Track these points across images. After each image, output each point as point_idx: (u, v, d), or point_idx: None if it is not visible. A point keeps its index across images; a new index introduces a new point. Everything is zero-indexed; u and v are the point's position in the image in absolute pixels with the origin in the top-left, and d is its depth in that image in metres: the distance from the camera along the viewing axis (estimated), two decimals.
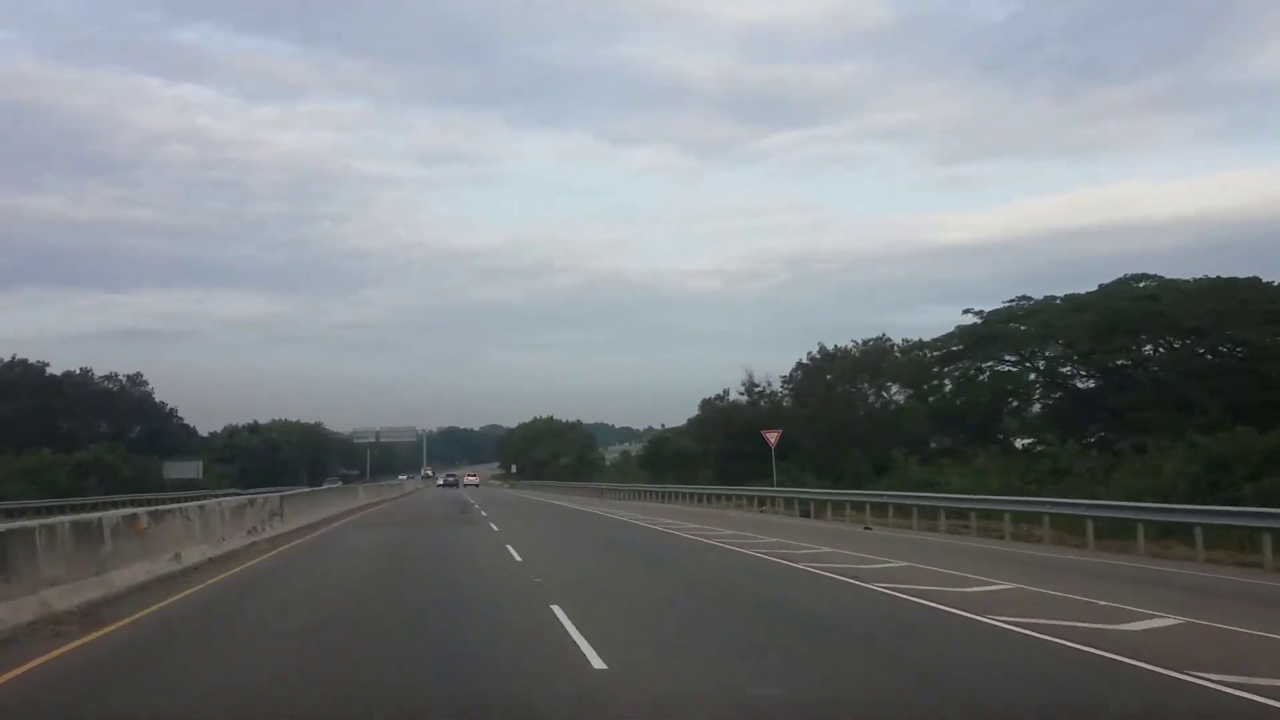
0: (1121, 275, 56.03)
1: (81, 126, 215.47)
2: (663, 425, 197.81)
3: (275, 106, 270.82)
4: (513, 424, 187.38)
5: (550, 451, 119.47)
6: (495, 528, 26.60)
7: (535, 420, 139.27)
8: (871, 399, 64.83)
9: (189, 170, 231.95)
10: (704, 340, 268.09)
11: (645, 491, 60.92)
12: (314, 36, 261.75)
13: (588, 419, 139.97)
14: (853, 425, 59.82)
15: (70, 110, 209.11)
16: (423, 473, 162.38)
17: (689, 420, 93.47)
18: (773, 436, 39.47)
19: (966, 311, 59.75)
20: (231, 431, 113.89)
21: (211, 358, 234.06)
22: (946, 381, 60.79)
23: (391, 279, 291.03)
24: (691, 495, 51.52)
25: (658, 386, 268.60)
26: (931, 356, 61.69)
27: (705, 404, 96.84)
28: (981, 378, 57.64)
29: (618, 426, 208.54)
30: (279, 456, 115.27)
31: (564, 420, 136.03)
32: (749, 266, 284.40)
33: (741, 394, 64.14)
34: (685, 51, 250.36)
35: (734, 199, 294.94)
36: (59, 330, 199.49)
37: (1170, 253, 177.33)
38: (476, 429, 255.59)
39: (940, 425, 59.25)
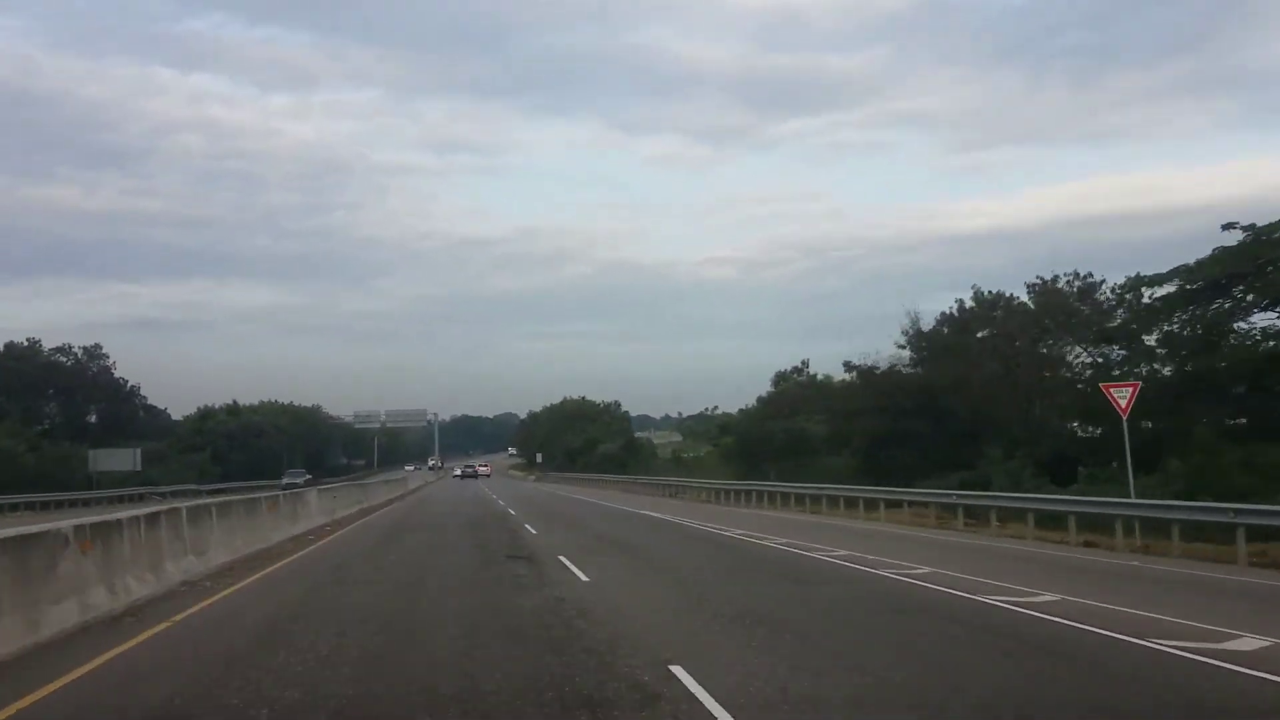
0: None
1: (94, 117, 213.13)
2: (680, 414, 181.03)
3: (288, 96, 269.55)
4: (526, 412, 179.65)
5: (586, 437, 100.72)
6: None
7: (565, 401, 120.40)
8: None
9: (202, 160, 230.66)
10: (720, 329, 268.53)
11: (751, 491, 42.03)
12: (326, 25, 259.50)
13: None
14: (1055, 396, 40.89)
15: (82, 100, 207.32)
16: (429, 463, 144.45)
17: (760, 399, 75.36)
18: (1125, 394, 20.30)
19: (1229, 227, 40.58)
20: (205, 413, 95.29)
21: (222, 348, 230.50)
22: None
23: (404, 269, 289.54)
24: (843, 499, 32.70)
25: (674, 375, 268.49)
26: (1153, 301, 42.68)
27: (781, 378, 78.76)
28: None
29: (634, 415, 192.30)
30: (263, 444, 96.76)
31: (598, 402, 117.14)
32: (764, 255, 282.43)
33: (902, 347, 44.78)
34: (699, 39, 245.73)
35: (749, 187, 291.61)
36: (71, 320, 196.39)
37: (1190, 240, 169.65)
38: (490, 417, 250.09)
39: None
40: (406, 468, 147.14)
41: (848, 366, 48.05)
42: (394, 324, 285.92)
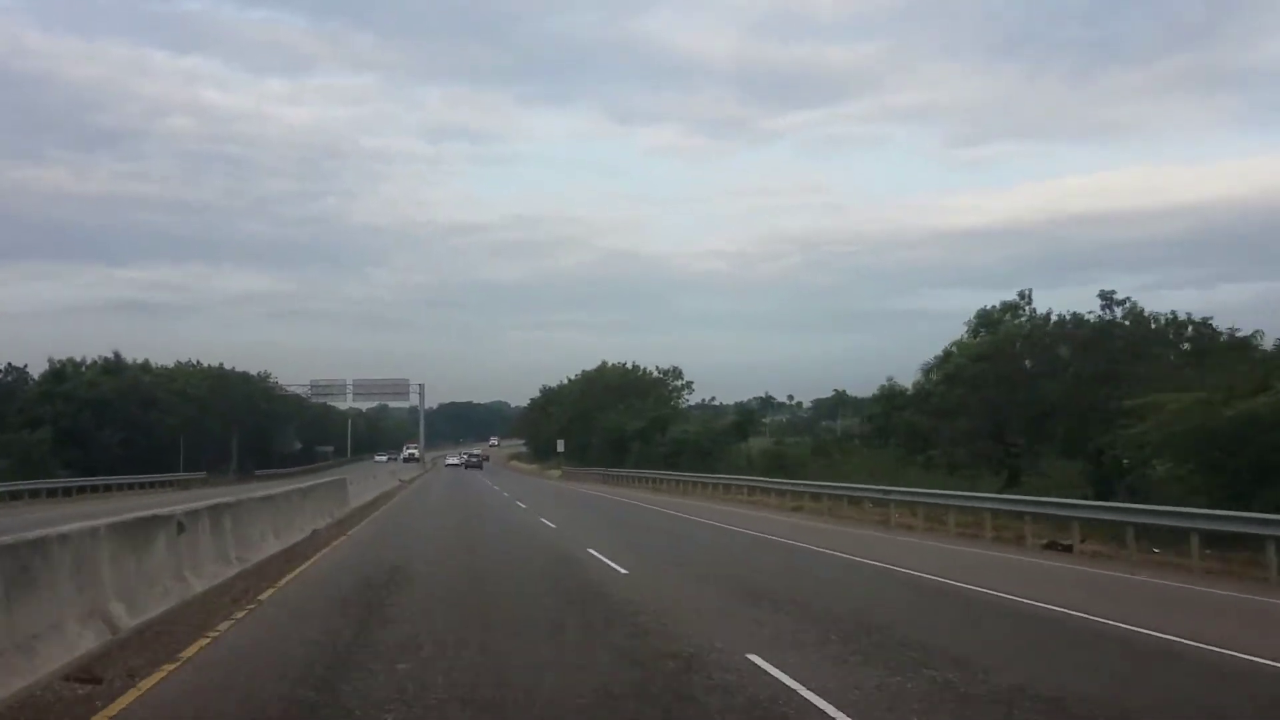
0: None
1: (86, 98, 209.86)
2: (697, 401, 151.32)
3: (283, 80, 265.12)
4: (518, 400, 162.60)
5: (652, 415, 68.03)
6: None
7: (606, 369, 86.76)
8: None
9: (195, 144, 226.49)
10: (714, 321, 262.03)
11: None
12: (323, 9, 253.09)
13: None
14: None
15: (75, 82, 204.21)
16: (406, 451, 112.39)
17: (933, 369, 44.79)
18: None
19: None
20: (58, 371, 61.64)
21: (212, 333, 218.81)
22: None
23: (399, 256, 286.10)
24: None
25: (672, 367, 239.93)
26: None
27: (987, 319, 47.33)
28: None
29: None
30: (155, 419, 63.69)
31: (650, 370, 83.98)
32: (761, 248, 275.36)
33: None
34: (699, 29, 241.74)
35: (746, 180, 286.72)
36: (62, 303, 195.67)
37: (1190, 238, 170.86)
38: (483, 403, 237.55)
39: None
40: (377, 458, 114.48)
41: None
42: (386, 311, 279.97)
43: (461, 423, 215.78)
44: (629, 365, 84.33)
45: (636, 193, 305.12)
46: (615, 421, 71.58)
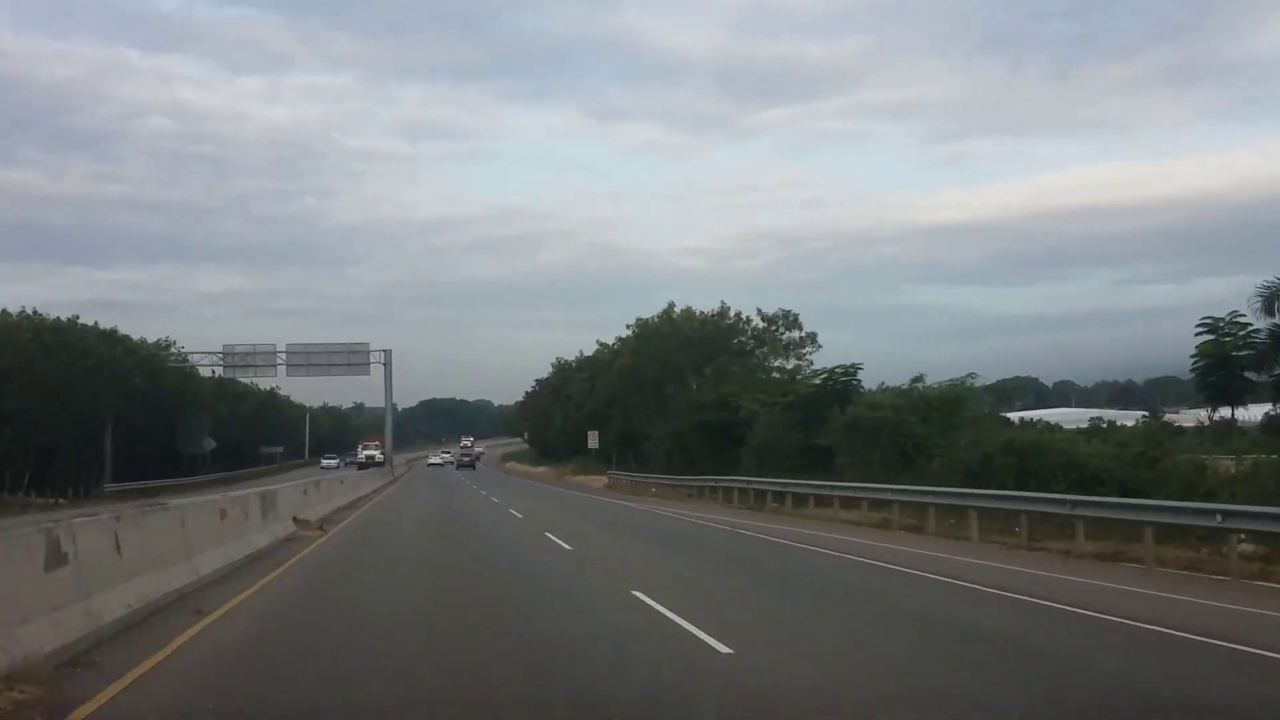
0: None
1: (61, 99, 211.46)
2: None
3: (260, 79, 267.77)
4: (502, 399, 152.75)
5: (821, 378, 39.00)
6: None
7: (673, 313, 56.00)
8: None
9: (171, 144, 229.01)
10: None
11: None
12: (300, 6, 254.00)
13: None
14: None
15: (49, 82, 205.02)
16: (363, 452, 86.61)
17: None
18: None
19: None
20: None
21: (188, 332, 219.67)
22: None
23: (377, 254, 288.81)
24: None
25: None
26: None
27: None
28: None
29: None
30: None
31: (745, 317, 54.45)
32: (741, 245, 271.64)
33: None
34: (679, 25, 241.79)
35: (727, 176, 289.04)
36: (37, 305, 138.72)
37: (1170, 232, 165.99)
38: (470, 400, 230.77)
39: None
40: (325, 461, 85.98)
41: None
42: (364, 308, 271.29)
43: (444, 420, 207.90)
44: (712, 311, 54.32)
45: (617, 190, 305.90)
46: (718, 395, 42.37)
